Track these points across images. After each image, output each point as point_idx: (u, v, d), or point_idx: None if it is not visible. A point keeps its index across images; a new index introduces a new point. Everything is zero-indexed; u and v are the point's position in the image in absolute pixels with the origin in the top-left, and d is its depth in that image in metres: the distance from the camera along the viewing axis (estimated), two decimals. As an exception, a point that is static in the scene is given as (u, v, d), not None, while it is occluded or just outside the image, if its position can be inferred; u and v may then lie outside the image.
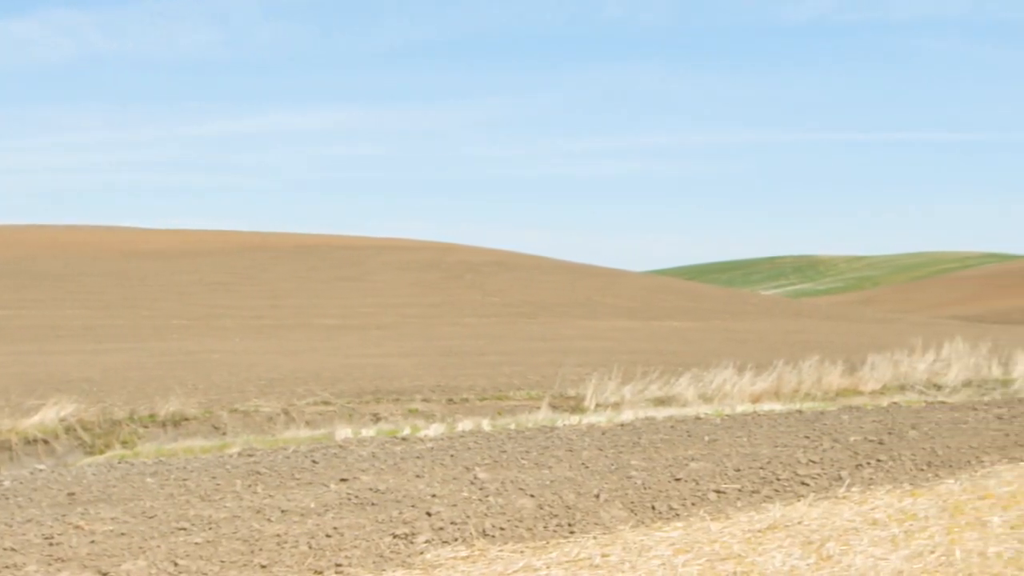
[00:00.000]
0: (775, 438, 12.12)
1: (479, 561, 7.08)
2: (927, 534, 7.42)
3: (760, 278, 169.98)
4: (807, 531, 7.65)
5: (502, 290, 50.12)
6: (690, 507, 8.65)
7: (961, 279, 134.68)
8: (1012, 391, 18.30)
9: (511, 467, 10.29)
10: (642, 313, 45.11)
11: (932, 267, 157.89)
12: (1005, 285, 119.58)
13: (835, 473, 10.01)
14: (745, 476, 9.85)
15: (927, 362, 19.74)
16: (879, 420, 13.72)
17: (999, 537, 7.27)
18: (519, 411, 15.66)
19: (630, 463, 10.46)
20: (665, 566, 6.78)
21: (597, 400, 16.33)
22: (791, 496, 9.08)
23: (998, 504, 8.45)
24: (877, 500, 8.80)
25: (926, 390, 18.30)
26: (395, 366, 21.49)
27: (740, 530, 7.78)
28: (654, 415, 14.59)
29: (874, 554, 6.91)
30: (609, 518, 8.27)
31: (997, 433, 12.49)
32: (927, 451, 11.14)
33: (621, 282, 59.16)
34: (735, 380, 17.43)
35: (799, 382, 17.96)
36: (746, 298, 63.12)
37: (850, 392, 18.17)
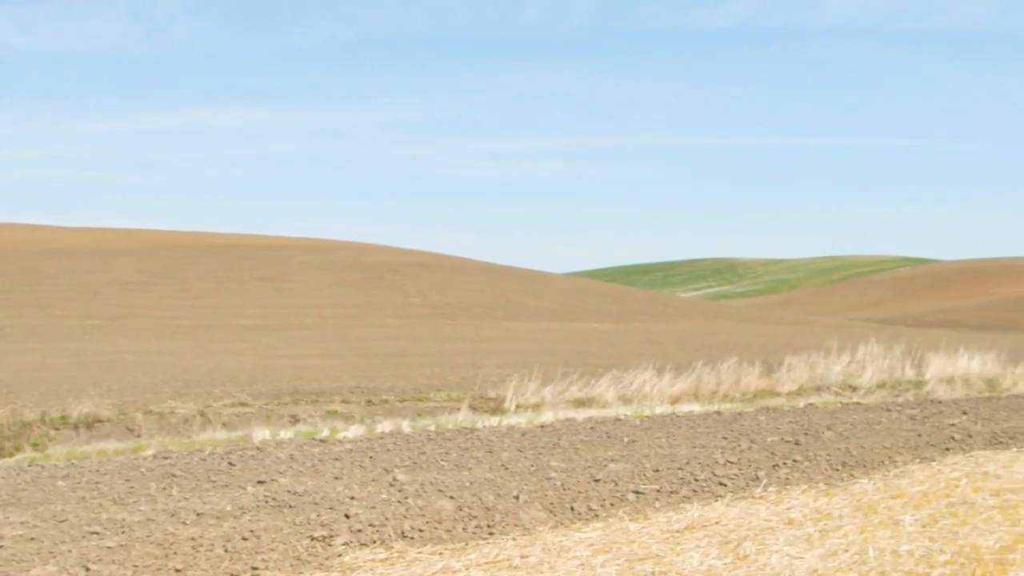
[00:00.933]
0: (694, 439, 12.20)
1: (398, 563, 7.04)
2: (841, 533, 7.52)
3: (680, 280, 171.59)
4: (724, 531, 7.71)
5: (423, 291, 49.97)
6: (609, 508, 8.68)
7: (876, 282, 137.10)
8: (925, 392, 18.65)
9: (430, 469, 10.25)
10: (563, 315, 45.25)
11: (848, 270, 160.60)
12: (918, 288, 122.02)
13: (752, 473, 10.11)
14: (664, 477, 9.91)
15: (843, 364, 20.03)
16: (795, 421, 13.88)
17: (911, 536, 7.38)
18: (439, 412, 15.62)
19: (550, 464, 10.46)
20: (584, 567, 6.79)
21: (517, 401, 16.35)
22: (709, 496, 9.15)
23: (910, 503, 8.59)
24: (793, 500, 8.90)
25: (842, 391, 18.58)
26: (314, 367, 21.32)
27: (658, 530, 7.81)
28: (574, 416, 14.62)
29: (789, 553, 6.98)
30: (528, 519, 8.26)
31: (910, 433, 12.69)
32: (842, 451, 11.29)
33: (542, 284, 59.30)
34: (655, 381, 17.55)
35: (718, 383, 18.13)
36: (666, 300, 63.61)
37: (768, 393, 18.39)
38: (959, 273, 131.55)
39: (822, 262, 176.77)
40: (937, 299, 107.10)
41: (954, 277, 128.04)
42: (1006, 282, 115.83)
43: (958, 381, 19.72)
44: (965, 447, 11.73)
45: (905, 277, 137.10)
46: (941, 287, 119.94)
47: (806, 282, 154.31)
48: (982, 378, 20.16)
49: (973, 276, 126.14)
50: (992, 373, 20.52)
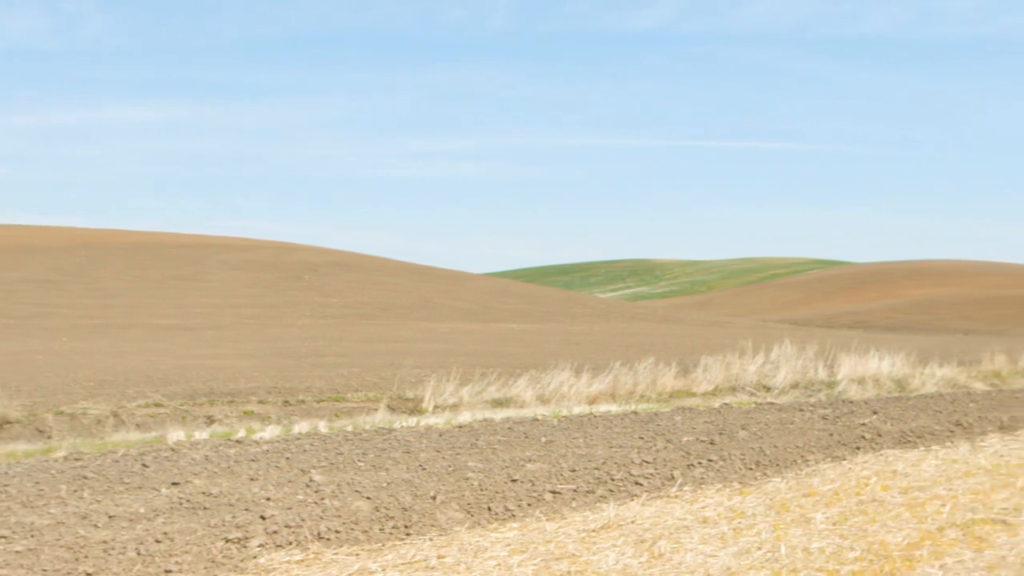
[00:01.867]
0: (610, 439, 12.28)
1: (314, 565, 7.00)
2: (755, 531, 7.62)
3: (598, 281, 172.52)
4: (640, 530, 7.77)
5: (341, 291, 49.68)
6: (526, 508, 8.71)
7: (790, 284, 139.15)
8: (837, 392, 18.95)
9: (348, 469, 10.20)
10: (482, 315, 45.28)
11: (763, 272, 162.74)
12: (831, 290, 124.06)
13: (668, 473, 10.20)
14: (581, 477, 9.96)
15: (757, 364, 20.27)
16: (711, 421, 14.04)
17: (822, 533, 7.51)
18: (357, 413, 15.54)
19: (467, 464, 10.47)
20: (500, 567, 6.81)
21: (436, 402, 16.32)
22: (625, 496, 9.22)
23: (821, 501, 8.74)
24: (708, 499, 9.00)
25: (756, 391, 18.81)
26: (230, 367, 21.09)
27: (575, 530, 7.86)
28: (492, 417, 14.63)
29: (704, 551, 7.06)
30: (446, 520, 8.26)
31: (822, 433, 12.90)
32: (756, 451, 11.44)
33: (461, 284, 59.29)
34: (572, 382, 17.62)
35: (635, 384, 18.26)
36: (584, 301, 63.92)
37: (683, 393, 18.56)
38: (870, 276, 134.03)
39: (738, 264, 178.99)
40: (849, 301, 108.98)
41: (865, 279, 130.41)
42: (915, 284, 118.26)
43: (869, 381, 20.06)
44: (875, 446, 11.96)
45: (818, 279, 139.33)
46: (853, 289, 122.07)
47: (722, 284, 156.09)
48: (892, 378, 20.54)
49: (883, 279, 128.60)
50: (901, 373, 20.92)
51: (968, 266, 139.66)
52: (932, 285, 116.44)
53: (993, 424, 13.80)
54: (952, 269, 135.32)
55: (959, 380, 21.05)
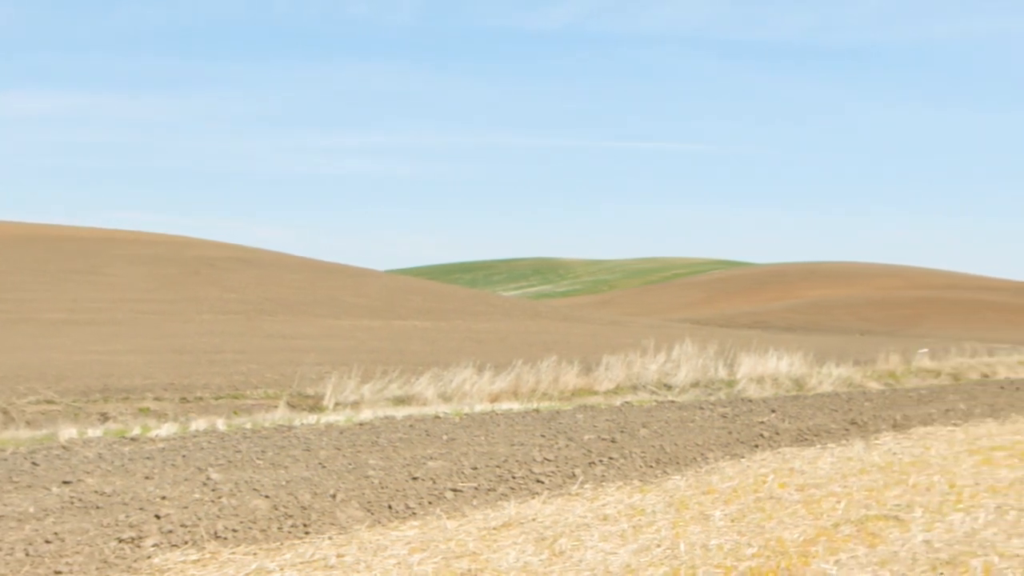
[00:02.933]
0: (512, 437, 12.28)
1: (210, 564, 6.86)
2: (654, 528, 7.66)
3: (501, 279, 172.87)
4: (541, 528, 7.77)
5: (241, 287, 49.06)
6: (427, 506, 8.65)
7: (691, 284, 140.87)
8: (736, 391, 19.20)
9: (246, 467, 10.04)
10: (384, 312, 45.05)
11: (665, 272, 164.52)
12: (732, 291, 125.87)
13: (569, 471, 10.22)
14: (482, 474, 9.94)
15: (658, 363, 20.43)
16: (612, 419, 14.11)
17: (720, 530, 7.58)
18: (256, 410, 15.32)
19: (368, 462, 10.38)
20: (400, 565, 6.75)
21: (336, 399, 16.17)
22: (526, 494, 9.21)
23: (720, 499, 8.83)
24: (608, 496, 9.04)
25: (657, 390, 18.96)
26: (126, 363, 20.67)
27: (476, 528, 7.83)
28: (393, 414, 14.55)
29: (604, 549, 7.07)
30: (346, 518, 8.17)
31: (721, 431, 13.05)
32: (656, 449, 11.52)
33: (364, 281, 58.94)
34: (475, 380, 17.59)
35: (537, 382, 18.29)
36: (487, 299, 63.96)
37: (585, 392, 18.63)
38: (769, 277, 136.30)
39: (640, 264, 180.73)
40: (748, 301, 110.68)
41: (764, 280, 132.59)
42: (812, 286, 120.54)
43: (767, 380, 20.35)
44: (773, 444, 12.13)
45: (719, 280, 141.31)
46: (752, 290, 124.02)
47: (625, 283, 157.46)
48: (790, 377, 20.86)
49: (782, 280, 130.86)
50: (799, 373, 21.26)
51: (864, 268, 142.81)
52: (830, 286, 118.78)
53: (887, 423, 14.09)
54: (849, 271, 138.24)
55: (855, 380, 21.46)
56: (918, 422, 14.17)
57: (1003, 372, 25.50)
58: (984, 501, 8.52)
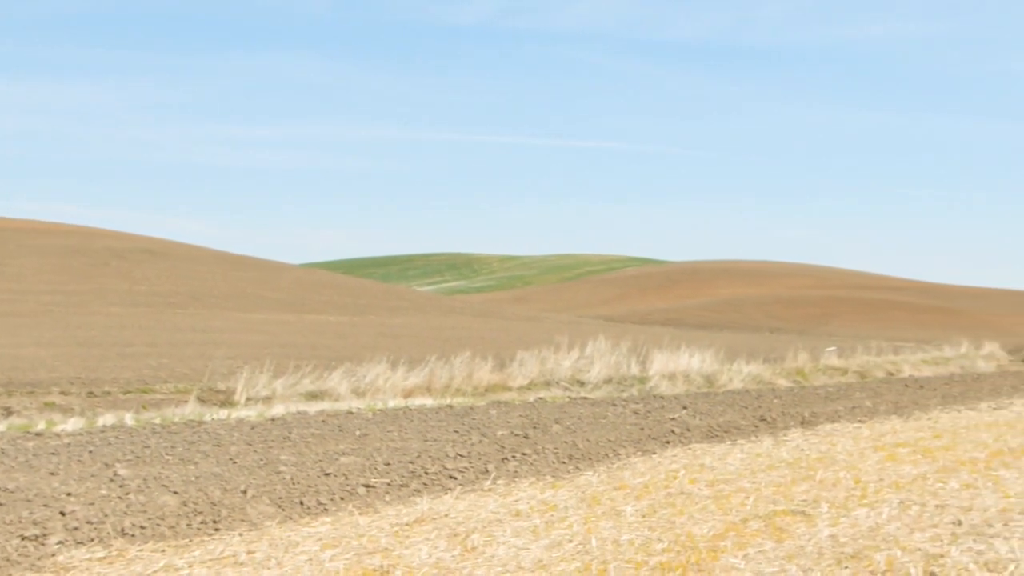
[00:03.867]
0: (425, 432, 12.26)
1: (117, 562, 6.75)
2: (566, 524, 7.70)
3: (416, 274, 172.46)
4: (453, 523, 7.77)
5: (151, 279, 48.32)
6: (339, 502, 8.60)
7: (606, 281, 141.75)
8: (648, 388, 19.37)
9: (154, 463, 9.90)
10: (297, 306, 44.70)
11: (580, 269, 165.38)
12: (645, 288, 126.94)
13: (482, 467, 10.24)
14: (395, 470, 9.91)
15: (572, 359, 20.53)
16: (525, 415, 14.16)
17: (631, 525, 7.64)
18: (165, 405, 15.12)
19: (279, 458, 10.30)
20: (312, 561, 6.70)
21: (248, 394, 16.01)
22: (439, 489, 9.20)
23: (632, 494, 8.90)
24: (521, 492, 9.06)
25: (570, 386, 19.06)
26: (31, 357, 20.27)
27: (388, 524, 7.80)
28: (306, 409, 14.44)
29: (516, 544, 7.09)
30: (256, 514, 8.09)
31: (633, 427, 13.16)
32: (569, 445, 11.58)
33: (277, 275, 58.41)
34: (388, 375, 17.54)
35: (451, 377, 18.28)
36: (401, 294, 63.78)
37: (499, 388, 18.67)
38: (682, 274, 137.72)
39: (555, 260, 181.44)
40: (662, 299, 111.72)
41: (678, 278, 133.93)
42: (725, 284, 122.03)
43: (679, 377, 20.55)
44: (684, 440, 12.26)
45: (633, 277, 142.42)
46: (666, 287, 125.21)
47: (540, 279, 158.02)
48: (701, 374, 21.09)
49: (695, 277, 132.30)
50: (711, 370, 21.50)
51: (776, 267, 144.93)
52: (741, 285, 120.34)
53: (795, 419, 14.32)
54: (761, 270, 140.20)
55: (765, 377, 21.77)
56: (825, 419, 14.42)
57: (907, 370, 26.05)
58: (888, 496, 8.69)
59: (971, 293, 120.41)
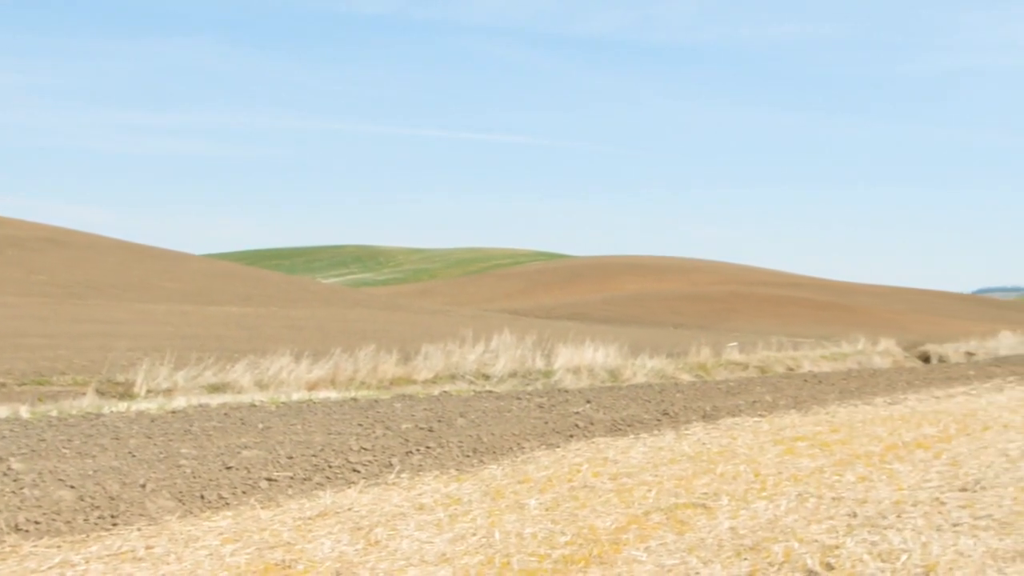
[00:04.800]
0: (329, 426, 12.18)
1: (10, 558, 6.60)
2: (470, 517, 7.71)
3: (321, 266, 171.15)
4: (357, 517, 7.73)
5: (49, 268, 47.27)
6: (241, 496, 8.51)
7: (511, 275, 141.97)
8: (553, 382, 19.45)
9: (51, 457, 9.69)
10: (200, 297, 44.07)
11: (486, 262, 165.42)
12: (551, 282, 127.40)
13: (386, 460, 10.20)
14: (298, 464, 9.83)
15: (477, 353, 20.53)
16: (430, 408, 14.13)
17: (535, 519, 7.68)
18: (63, 397, 14.79)
19: (180, 451, 10.15)
20: (212, 556, 6.62)
21: (148, 386, 15.74)
22: (342, 483, 9.15)
23: (535, 488, 8.94)
24: (425, 486, 9.05)
25: (475, 380, 19.06)
26: (-78, 347, 19.71)
27: (291, 518, 7.74)
28: (208, 402, 14.24)
29: (420, 538, 7.09)
30: (156, 509, 7.97)
31: (538, 421, 13.20)
32: (473, 438, 11.59)
33: (179, 265, 57.51)
34: (292, 367, 17.37)
35: (355, 370, 18.17)
36: (306, 286, 63.24)
37: (404, 381, 18.61)
38: (587, 269, 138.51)
39: (461, 253, 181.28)
40: (567, 293, 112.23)
41: (583, 272, 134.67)
42: (629, 279, 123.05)
43: (584, 371, 20.67)
44: (588, 434, 12.34)
45: (538, 271, 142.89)
46: (571, 282, 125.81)
47: (445, 272, 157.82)
48: (605, 369, 21.24)
49: (600, 272, 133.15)
50: (615, 364, 21.66)
51: (680, 263, 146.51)
52: (646, 280, 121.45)
53: (697, 413, 14.49)
54: (665, 265, 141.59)
55: (668, 371, 22.00)
56: (726, 413, 14.61)
57: (807, 365, 26.52)
58: (786, 489, 8.85)
59: (868, 290, 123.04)
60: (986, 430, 12.79)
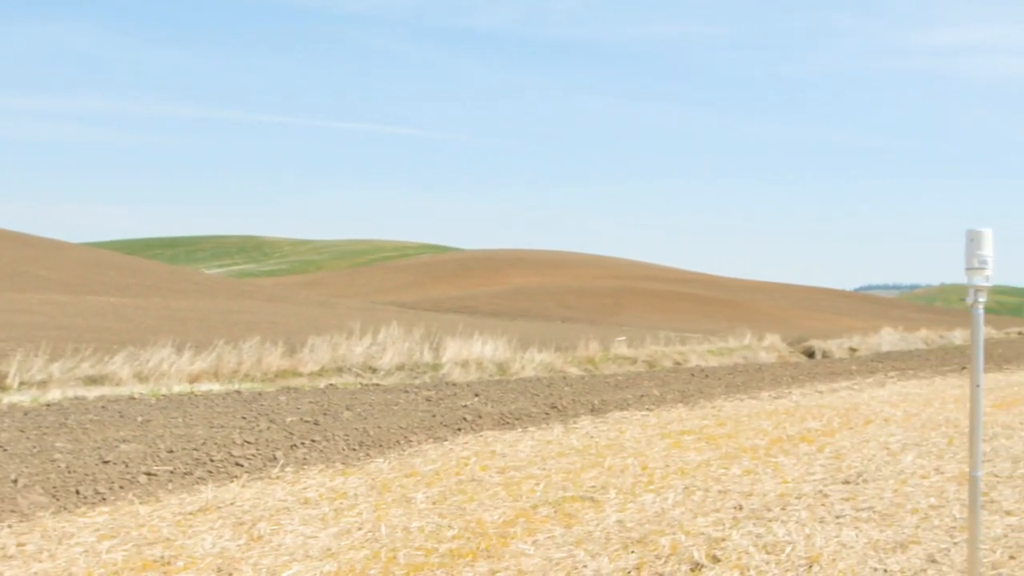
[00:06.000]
0: (212, 419, 11.93)
1: None
2: (356, 511, 7.60)
3: (205, 256, 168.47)
4: (239, 512, 7.57)
5: (-81, 256, 45.67)
6: (118, 491, 8.26)
7: (400, 267, 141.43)
8: (441, 375, 19.35)
9: (-84, 450, 9.30)
10: (77, 287, 42.96)
11: (373, 255, 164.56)
12: (439, 275, 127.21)
13: (270, 454, 10.02)
14: (178, 458, 9.59)
15: (364, 346, 20.32)
16: (316, 401, 13.95)
17: (422, 512, 7.59)
18: (-69, 389, 14.25)
19: (54, 445, 9.82)
20: (88, 553, 6.40)
21: (22, 378, 15.21)
22: (225, 477, 8.96)
23: (422, 481, 8.85)
24: (310, 480, 8.91)
25: (362, 373, 18.86)
26: None
27: (171, 513, 7.54)
28: (85, 395, 13.85)
29: (304, 532, 6.96)
30: (28, 504, 7.68)
31: (425, 414, 13.11)
32: (360, 431, 11.45)
33: (55, 254, 56.00)
34: (174, 359, 16.97)
35: (239, 363, 17.84)
36: (189, 276, 62.10)
37: (290, 373, 18.33)
38: (476, 262, 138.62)
39: (349, 245, 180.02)
40: (456, 286, 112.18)
41: (472, 266, 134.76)
42: (518, 273, 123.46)
43: (472, 365, 20.60)
44: (476, 427, 12.29)
45: (426, 264, 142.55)
46: (460, 275, 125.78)
47: (333, 264, 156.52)
48: (494, 362, 21.19)
49: (489, 265, 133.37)
50: (503, 358, 21.62)
51: (569, 257, 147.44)
52: (534, 274, 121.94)
53: (585, 407, 14.53)
54: (554, 259, 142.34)
55: (556, 365, 22.03)
56: (614, 407, 14.69)
57: (694, 360, 26.80)
58: (673, 482, 8.89)
59: (754, 287, 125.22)
60: (868, 424, 13.05)
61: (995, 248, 5.41)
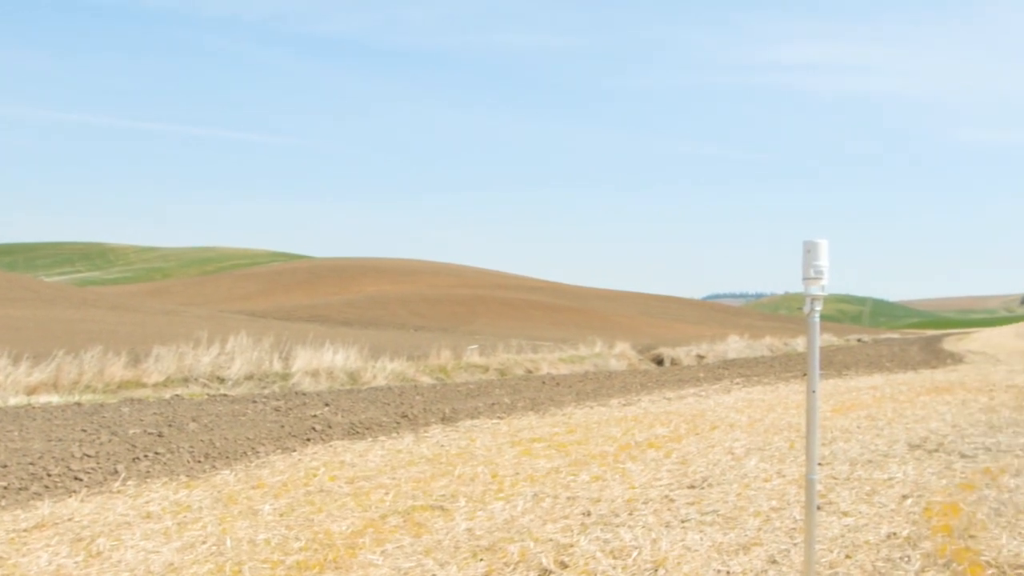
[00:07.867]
0: (49, 432, 11.54)
1: None
2: (200, 525, 7.43)
3: (44, 264, 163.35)
4: (78, 527, 7.33)
5: None
6: (-52, 508, 7.92)
7: (249, 276, 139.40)
8: (291, 385, 19.10)
9: None
10: (-91, 296, 41.18)
11: (222, 262, 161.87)
12: (289, 283, 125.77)
13: (111, 467, 9.73)
14: (13, 472, 9.24)
15: (212, 355, 19.95)
16: (160, 413, 13.62)
17: (269, 524, 7.46)
18: None
19: None
20: (-88, 575, 6.12)
21: None
22: (63, 492, 8.67)
23: (270, 493, 8.71)
24: (153, 493, 8.68)
25: (210, 383, 18.50)
26: None
27: (3, 530, 7.26)
28: (-86, 407, 13.27)
29: (146, 547, 6.77)
30: None
31: (274, 425, 12.92)
32: (206, 443, 11.22)
33: None
34: (9, 370, 16.40)
35: (80, 373, 17.32)
36: (27, 284, 60.06)
37: (133, 384, 17.87)
38: (327, 271, 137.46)
39: (197, 252, 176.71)
40: (307, 295, 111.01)
41: (323, 274, 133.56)
42: (370, 281, 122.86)
43: (323, 374, 20.40)
44: (325, 437, 12.15)
45: (277, 272, 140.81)
46: (311, 283, 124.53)
47: (179, 272, 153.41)
48: (345, 371, 21.02)
49: (341, 274, 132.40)
50: (355, 367, 21.47)
51: (420, 265, 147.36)
52: (387, 282, 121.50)
53: (436, 416, 14.50)
54: (406, 267, 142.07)
55: (408, 374, 21.97)
56: (466, 415, 14.69)
57: (545, 368, 27.03)
58: (523, 490, 8.92)
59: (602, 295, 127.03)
60: (714, 429, 13.31)
61: (833, 258, 5.54)
